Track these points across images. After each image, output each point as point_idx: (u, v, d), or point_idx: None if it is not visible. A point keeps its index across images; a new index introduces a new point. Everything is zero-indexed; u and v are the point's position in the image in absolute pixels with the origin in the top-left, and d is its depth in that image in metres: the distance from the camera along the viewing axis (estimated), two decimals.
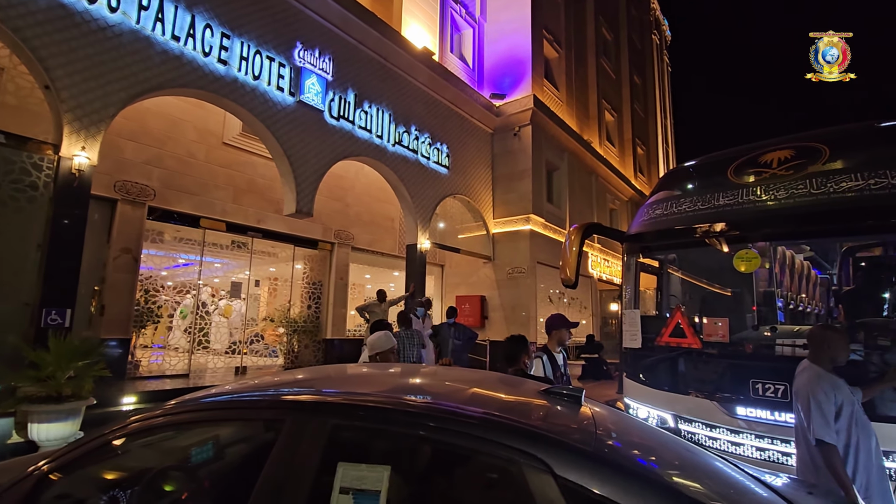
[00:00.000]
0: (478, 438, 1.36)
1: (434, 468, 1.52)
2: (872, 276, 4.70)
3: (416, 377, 2.15)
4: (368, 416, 1.48)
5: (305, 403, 1.61)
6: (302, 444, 1.48)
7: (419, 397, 1.62)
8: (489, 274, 11.57)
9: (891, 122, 4.04)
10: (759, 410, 3.49)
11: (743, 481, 1.64)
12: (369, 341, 3.02)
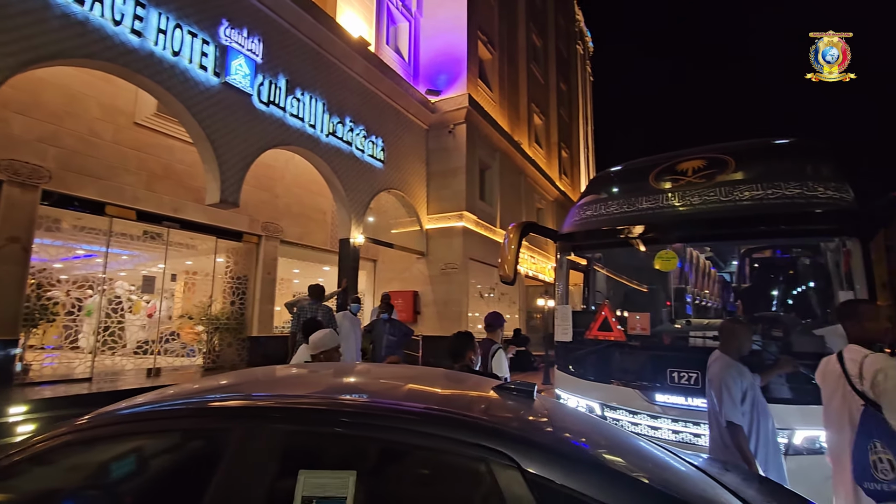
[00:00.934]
0: (446, 438, 1.37)
1: (404, 469, 1.50)
2: (765, 275, 5.36)
3: (374, 377, 2.11)
4: (331, 420, 1.43)
5: (257, 409, 1.52)
6: (255, 453, 1.40)
7: (383, 398, 1.60)
8: (422, 269, 11.61)
9: (784, 139, 4.61)
10: (674, 397, 3.84)
11: (675, 464, 1.80)
12: (313, 339, 2.91)
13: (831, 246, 3.92)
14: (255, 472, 1.36)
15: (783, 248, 5.11)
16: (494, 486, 1.33)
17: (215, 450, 1.43)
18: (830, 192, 3.68)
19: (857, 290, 3.49)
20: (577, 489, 1.29)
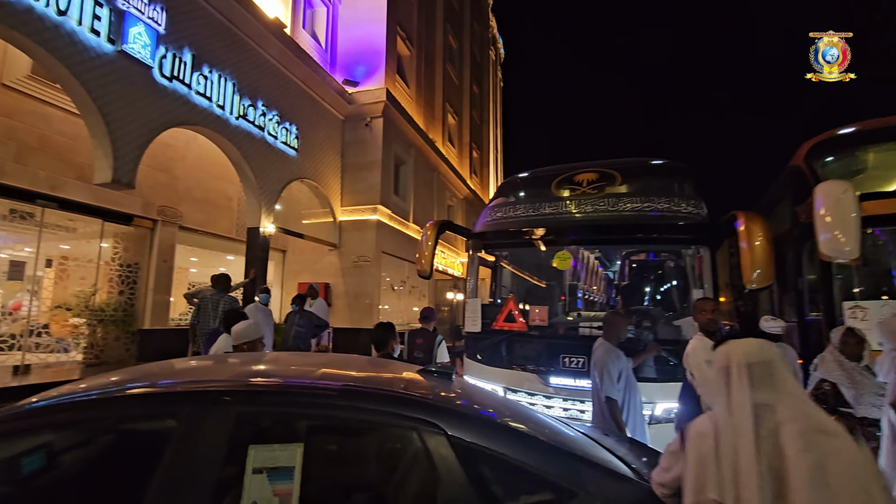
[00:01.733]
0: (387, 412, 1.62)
1: (349, 441, 1.71)
2: (640, 274, 6.27)
3: (313, 362, 2.26)
4: (285, 400, 1.59)
5: (207, 393, 1.63)
6: (205, 434, 1.52)
7: (330, 379, 1.78)
8: (334, 261, 11.50)
9: (660, 160, 5.45)
10: (566, 379, 4.42)
11: (565, 430, 2.22)
12: (236, 330, 2.92)
13: (689, 252, 4.76)
14: (209, 451, 1.49)
15: (654, 253, 6.04)
16: (425, 449, 1.60)
17: (166, 433, 1.52)
18: (690, 208, 4.47)
19: (706, 289, 4.32)
20: (488, 447, 1.61)
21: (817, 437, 1.25)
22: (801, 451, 1.23)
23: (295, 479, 1.47)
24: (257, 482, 1.46)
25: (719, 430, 1.41)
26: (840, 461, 1.20)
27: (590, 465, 1.74)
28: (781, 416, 1.32)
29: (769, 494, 1.24)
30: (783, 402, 1.35)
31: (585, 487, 1.61)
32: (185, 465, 1.46)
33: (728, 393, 1.44)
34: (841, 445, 1.23)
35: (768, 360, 1.41)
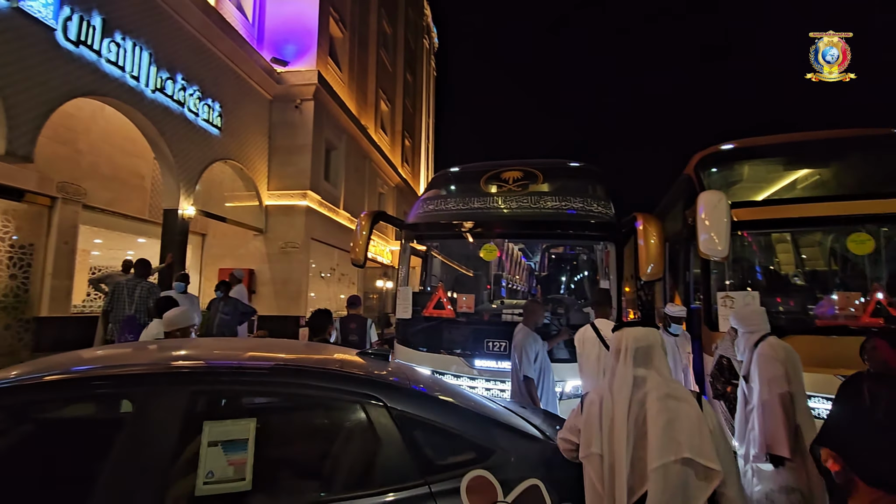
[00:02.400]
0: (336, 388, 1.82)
1: (302, 414, 1.88)
2: (557, 266, 6.86)
3: (263, 346, 2.37)
4: (239, 379, 1.73)
5: (162, 375, 1.72)
6: (159, 413, 1.62)
7: (283, 360, 1.93)
8: (260, 247, 11.12)
9: (577, 163, 5.98)
10: (488, 361, 4.81)
11: (488, 403, 2.54)
12: (169, 317, 2.90)
13: (599, 247, 5.33)
14: (165, 427, 1.59)
15: (570, 247, 6.64)
16: (368, 420, 1.83)
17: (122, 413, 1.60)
18: (601, 208, 5.02)
19: (612, 281, 4.89)
20: (422, 416, 1.88)
21: (671, 402, 1.66)
22: (659, 412, 1.63)
23: (248, 450, 1.63)
24: (213, 454, 1.59)
25: (604, 397, 1.79)
26: (684, 418, 1.61)
27: (506, 429, 2.06)
28: (649, 387, 1.71)
29: (632, 443, 1.62)
30: (652, 377, 1.74)
31: (502, 446, 1.92)
32: (144, 440, 1.56)
33: (615, 367, 1.82)
34: (687, 407, 1.65)
35: (650, 344, 1.79)
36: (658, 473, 1.56)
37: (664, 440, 1.57)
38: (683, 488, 1.56)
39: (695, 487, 1.55)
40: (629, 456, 1.64)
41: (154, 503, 1.50)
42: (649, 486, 1.57)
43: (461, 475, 1.78)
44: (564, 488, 1.86)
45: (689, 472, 1.56)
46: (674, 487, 1.55)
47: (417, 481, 1.73)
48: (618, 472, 1.64)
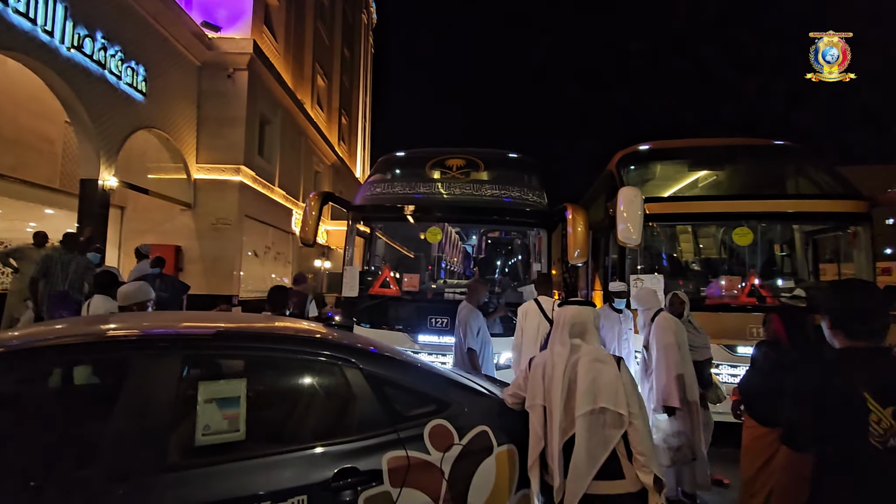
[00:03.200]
0: (326, 354, 2.08)
1: (289, 374, 2.12)
2: (494, 249, 7.36)
3: (248, 318, 2.52)
4: (233, 344, 1.92)
5: (156, 339, 1.87)
6: (157, 375, 1.79)
7: (274, 328, 2.13)
8: (187, 223, 10.59)
9: (516, 154, 6.43)
10: (431, 336, 5.17)
11: (438, 365, 2.89)
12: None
13: (532, 233, 5.84)
14: (164, 387, 1.77)
15: (506, 232, 7.14)
16: (344, 377, 2.10)
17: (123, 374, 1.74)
18: (535, 197, 5.51)
19: (543, 264, 5.42)
20: (389, 375, 2.18)
21: (597, 365, 2.10)
22: (587, 371, 2.07)
23: (241, 405, 1.84)
24: (208, 410, 1.80)
25: (547, 360, 2.20)
26: (604, 376, 2.07)
27: (459, 387, 2.43)
28: (581, 353, 2.14)
29: (565, 396, 2.05)
30: (584, 345, 2.17)
31: (457, 400, 2.29)
32: (149, 399, 1.73)
33: (556, 336, 2.24)
34: (608, 368, 2.10)
35: (584, 320, 2.22)
36: (583, 419, 2.00)
37: (588, 393, 2.01)
38: (602, 429, 2.01)
39: (610, 427, 2.01)
40: (563, 405, 2.06)
41: (160, 454, 1.68)
42: (576, 429, 2.01)
43: (424, 423, 2.11)
44: (506, 432, 2.26)
45: (605, 417, 2.02)
46: (594, 429, 2.00)
47: (388, 429, 2.04)
48: (555, 418, 2.06)
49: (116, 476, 1.60)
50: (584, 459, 1.92)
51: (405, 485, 1.95)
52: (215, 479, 1.72)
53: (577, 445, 1.94)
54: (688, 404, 3.47)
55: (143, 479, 1.62)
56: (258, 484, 1.74)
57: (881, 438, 1.44)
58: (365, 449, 1.96)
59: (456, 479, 2.06)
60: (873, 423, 1.44)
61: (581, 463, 1.92)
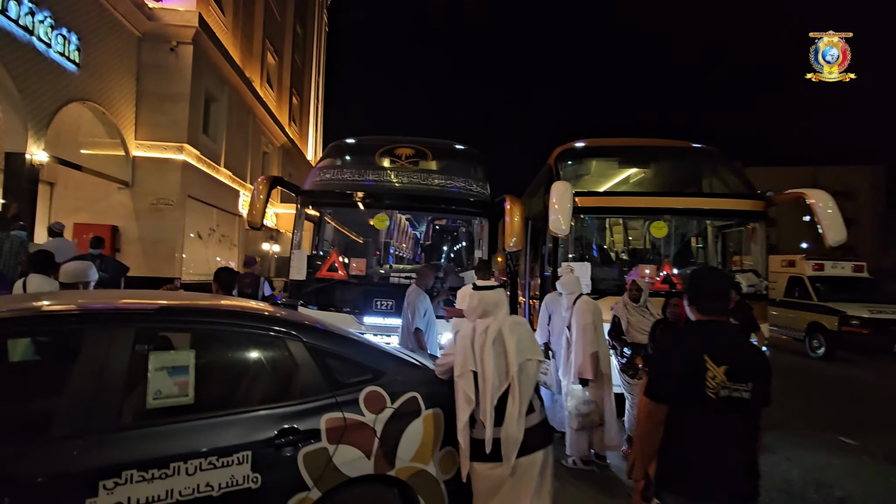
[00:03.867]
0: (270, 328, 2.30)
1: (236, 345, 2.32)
2: (440, 236, 7.67)
3: (199, 296, 2.66)
4: (185, 318, 2.10)
5: (108, 313, 2.02)
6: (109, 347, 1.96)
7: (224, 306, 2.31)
8: (125, 202, 10.14)
9: (462, 146, 6.72)
10: (377, 318, 5.41)
11: (378, 342, 3.16)
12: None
13: (476, 222, 6.17)
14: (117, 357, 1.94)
15: (452, 220, 7.46)
16: (287, 350, 2.33)
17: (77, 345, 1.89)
18: (479, 188, 5.84)
19: (484, 251, 5.78)
20: (330, 348, 2.44)
21: (516, 327, 2.44)
22: (510, 334, 2.40)
23: (189, 373, 2.04)
24: (160, 377, 1.99)
25: (476, 333, 2.52)
26: (525, 335, 2.42)
27: (393, 359, 2.72)
28: (499, 321, 2.47)
29: (497, 357, 2.38)
30: (500, 315, 2.51)
31: (390, 370, 2.58)
32: (96, 366, 1.89)
33: (476, 314, 2.56)
34: (526, 329, 2.46)
35: (495, 299, 2.55)
36: (517, 372, 2.34)
37: (517, 350, 2.35)
38: (529, 374, 2.37)
39: (534, 372, 2.39)
40: (496, 366, 2.38)
41: (114, 415, 1.86)
42: (511, 380, 2.34)
43: (360, 390, 2.39)
44: (433, 398, 2.57)
45: (531, 365, 2.38)
46: (526, 376, 2.35)
47: (327, 394, 2.30)
48: (489, 379, 2.37)
49: (73, 434, 1.78)
50: (518, 406, 2.27)
51: (341, 442, 2.23)
52: (166, 437, 1.92)
53: (512, 396, 2.28)
54: (601, 377, 3.94)
55: (98, 437, 1.80)
56: (206, 441, 1.96)
57: (714, 389, 1.86)
58: (305, 411, 2.22)
59: (387, 437, 2.36)
60: (709, 378, 1.86)
61: (516, 409, 2.26)
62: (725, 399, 1.84)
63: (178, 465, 1.87)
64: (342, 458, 2.21)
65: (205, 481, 1.91)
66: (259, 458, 2.03)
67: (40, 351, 2.17)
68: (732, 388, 1.84)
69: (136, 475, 1.79)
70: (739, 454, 1.86)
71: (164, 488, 1.83)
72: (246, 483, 1.98)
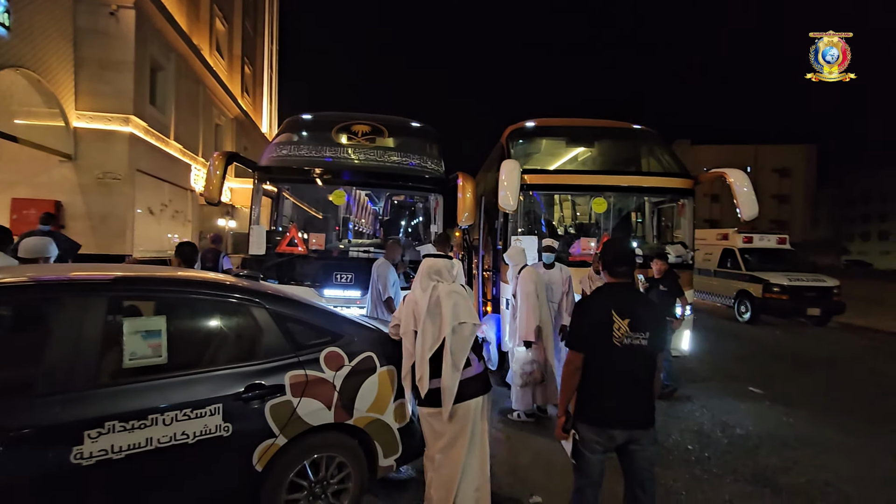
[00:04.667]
0: (236, 296, 2.52)
1: (205, 312, 2.53)
2: (399, 212, 7.89)
3: (168, 268, 2.81)
4: (160, 287, 2.30)
5: (85, 283, 2.19)
6: (84, 313, 2.14)
7: (192, 276, 2.50)
8: (68, 175, 9.68)
9: (418, 123, 6.89)
10: (337, 290, 5.63)
11: (336, 309, 3.41)
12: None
13: (432, 198, 6.42)
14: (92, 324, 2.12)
15: (410, 196, 7.68)
16: (252, 315, 2.57)
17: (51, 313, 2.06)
18: (434, 164, 6.08)
19: (440, 225, 6.06)
20: (292, 313, 2.69)
21: (453, 294, 2.76)
22: (447, 299, 2.72)
23: (162, 337, 2.25)
24: (134, 340, 2.19)
25: (418, 298, 2.82)
26: (461, 301, 2.74)
27: (351, 323, 3.00)
28: (440, 289, 2.78)
29: (434, 319, 2.69)
30: (442, 283, 2.81)
31: (348, 333, 2.86)
32: (70, 330, 2.08)
33: (421, 279, 2.86)
34: (462, 295, 2.77)
35: (438, 267, 2.85)
36: (450, 333, 2.67)
37: (452, 314, 2.67)
38: (464, 335, 2.70)
39: (469, 334, 2.71)
40: (432, 326, 2.70)
41: (93, 373, 2.06)
42: (445, 339, 2.66)
43: (320, 350, 2.67)
44: (388, 357, 2.88)
45: (465, 327, 2.71)
46: (458, 338, 2.68)
47: (290, 355, 2.57)
48: (426, 337, 2.69)
49: (56, 391, 1.97)
50: (452, 361, 2.60)
51: (304, 395, 2.52)
52: (143, 392, 2.15)
53: (447, 353, 2.61)
54: (543, 340, 4.38)
55: (79, 393, 2.01)
56: (180, 396, 2.20)
57: (619, 339, 2.25)
58: (270, 369, 2.48)
59: (345, 391, 2.66)
60: (615, 329, 2.25)
61: (451, 364, 2.60)
62: (628, 346, 2.25)
63: (155, 417, 2.10)
64: (305, 409, 2.50)
65: (181, 430, 2.15)
66: (229, 410, 2.29)
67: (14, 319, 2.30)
68: (633, 337, 2.25)
69: (117, 426, 2.01)
70: (638, 390, 2.28)
71: (145, 437, 2.07)
72: (218, 431, 2.24)
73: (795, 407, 5.27)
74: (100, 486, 1.99)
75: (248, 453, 2.33)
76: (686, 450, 4.07)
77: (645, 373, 2.31)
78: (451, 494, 2.62)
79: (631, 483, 2.31)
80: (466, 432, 2.64)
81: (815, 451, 4.11)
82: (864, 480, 3.63)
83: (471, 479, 2.66)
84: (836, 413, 5.14)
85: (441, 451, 2.66)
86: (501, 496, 3.16)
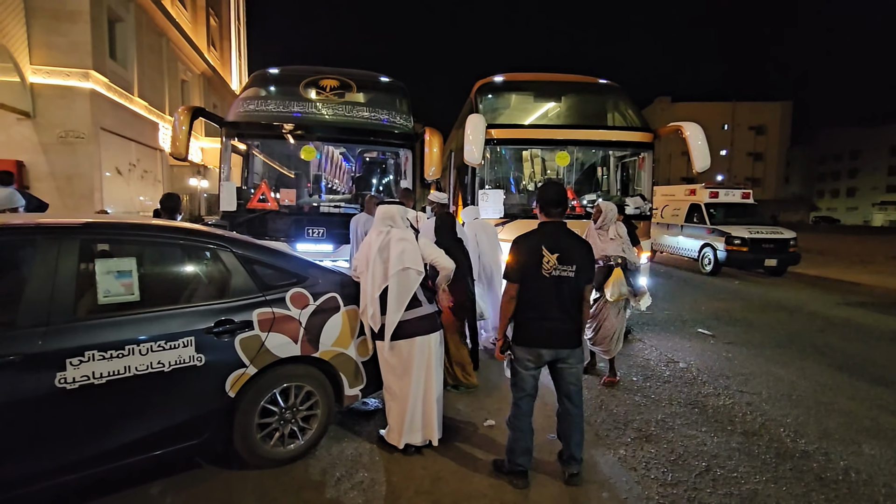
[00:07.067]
0: (203, 241, 2.70)
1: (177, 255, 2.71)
2: (371, 168, 7.97)
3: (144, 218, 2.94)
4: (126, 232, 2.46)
5: (57, 227, 2.34)
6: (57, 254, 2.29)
7: (168, 224, 2.64)
8: (28, 134, 9.39)
9: (388, 77, 6.87)
10: (309, 245, 5.80)
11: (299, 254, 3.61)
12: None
13: (401, 153, 6.52)
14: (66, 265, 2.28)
15: (381, 152, 7.74)
16: (220, 258, 2.75)
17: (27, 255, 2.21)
18: (403, 120, 6.14)
19: (408, 180, 6.20)
20: (258, 257, 2.88)
21: (402, 241, 2.97)
22: (396, 245, 2.93)
23: (133, 276, 2.43)
24: (107, 279, 2.37)
25: (372, 242, 3.03)
26: (409, 247, 2.96)
27: (316, 267, 3.20)
28: (391, 234, 2.99)
29: (383, 262, 2.91)
30: (393, 229, 3.02)
31: (313, 275, 3.07)
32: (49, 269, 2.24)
33: (377, 225, 3.06)
34: (410, 243, 2.99)
35: (392, 213, 3.05)
36: (394, 276, 2.90)
37: (398, 260, 2.90)
38: (407, 281, 2.93)
39: (413, 281, 2.95)
40: (381, 269, 2.93)
41: (71, 309, 2.25)
42: (389, 283, 2.90)
43: (286, 291, 2.88)
44: (350, 297, 3.11)
45: (410, 273, 2.94)
46: (402, 281, 2.91)
47: (257, 294, 2.78)
48: (375, 277, 2.92)
49: (38, 324, 2.16)
50: (395, 301, 2.86)
51: (271, 330, 2.75)
52: (119, 326, 2.34)
53: (390, 293, 2.86)
54: (487, 281, 4.71)
55: (59, 325, 2.20)
56: (154, 329, 2.41)
57: (548, 270, 2.52)
58: (239, 307, 2.70)
59: (311, 327, 2.90)
60: (545, 262, 2.52)
61: (394, 303, 2.85)
62: (556, 277, 2.52)
63: (132, 347, 2.31)
64: (273, 342, 2.74)
65: (156, 360, 2.37)
66: (201, 343, 2.51)
67: None
68: (562, 269, 2.52)
69: (97, 355, 2.22)
70: (565, 315, 2.58)
71: (123, 365, 2.28)
72: (192, 361, 2.47)
73: (736, 344, 5.77)
74: (84, 407, 2.22)
75: (221, 381, 2.58)
76: (631, 381, 4.49)
77: (571, 301, 2.59)
78: (403, 419, 2.93)
79: (561, 396, 2.65)
80: (414, 365, 2.92)
81: (744, 379, 4.59)
82: (780, 399, 4.11)
83: (422, 406, 2.97)
84: (771, 348, 5.65)
85: (394, 382, 2.96)
86: (459, 420, 3.52)
